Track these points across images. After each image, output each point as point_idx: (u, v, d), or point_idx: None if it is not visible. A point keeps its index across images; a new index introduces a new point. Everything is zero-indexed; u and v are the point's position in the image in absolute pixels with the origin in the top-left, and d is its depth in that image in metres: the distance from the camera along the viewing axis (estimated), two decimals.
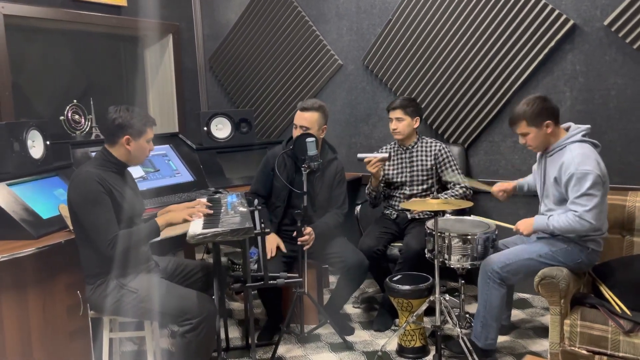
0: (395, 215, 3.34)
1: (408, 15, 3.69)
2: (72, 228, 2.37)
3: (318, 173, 3.04)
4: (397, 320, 3.13)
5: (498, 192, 2.86)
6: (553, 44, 3.18)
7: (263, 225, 2.48)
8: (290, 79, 4.37)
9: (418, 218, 3.26)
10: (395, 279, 2.87)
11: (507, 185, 2.86)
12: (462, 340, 2.56)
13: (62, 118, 3.37)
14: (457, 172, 3.22)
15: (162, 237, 2.41)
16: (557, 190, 2.52)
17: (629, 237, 2.67)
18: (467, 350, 2.54)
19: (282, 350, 2.92)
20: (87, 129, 3.50)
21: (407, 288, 2.77)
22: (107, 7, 4.04)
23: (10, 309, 2.28)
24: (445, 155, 3.25)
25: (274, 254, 2.95)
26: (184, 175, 3.59)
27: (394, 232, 3.29)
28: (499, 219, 2.78)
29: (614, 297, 2.37)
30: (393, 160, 3.36)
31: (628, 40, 2.97)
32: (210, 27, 4.79)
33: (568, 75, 3.19)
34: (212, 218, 2.37)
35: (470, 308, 3.24)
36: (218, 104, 4.87)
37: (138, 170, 3.30)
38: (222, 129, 3.98)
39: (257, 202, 2.67)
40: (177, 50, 4.63)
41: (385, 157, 3.16)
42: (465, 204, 2.66)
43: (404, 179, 3.31)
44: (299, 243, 2.86)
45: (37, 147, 2.82)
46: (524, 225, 2.56)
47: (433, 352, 2.80)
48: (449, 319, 2.66)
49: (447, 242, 2.66)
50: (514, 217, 2.79)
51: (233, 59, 4.68)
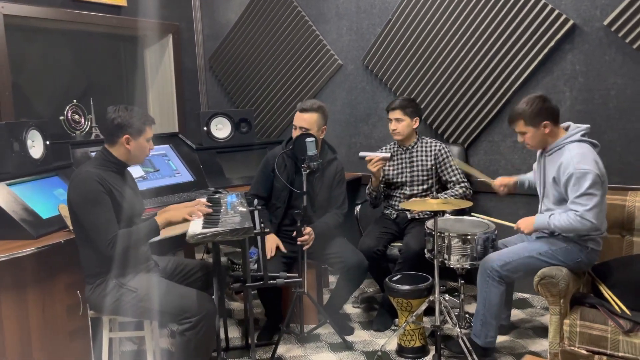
0: (395, 215, 3.34)
1: (408, 15, 3.69)
2: (71, 228, 2.38)
3: (318, 173, 3.04)
4: (396, 320, 3.13)
5: (499, 186, 2.86)
6: (553, 44, 3.18)
7: (263, 225, 2.48)
8: (290, 79, 4.37)
9: (418, 218, 3.26)
10: (395, 279, 2.87)
11: (508, 180, 2.87)
12: (461, 340, 2.56)
13: (62, 118, 3.37)
14: (457, 171, 3.23)
15: (161, 236, 2.41)
16: (556, 190, 2.52)
17: (629, 237, 2.67)
18: (466, 350, 2.54)
19: (281, 350, 2.92)
20: (86, 129, 3.50)
21: (406, 288, 2.77)
22: (107, 7, 4.05)
23: (10, 309, 2.28)
24: (445, 155, 3.25)
25: (274, 254, 2.95)
26: (184, 175, 3.59)
27: (394, 232, 3.29)
28: (499, 219, 2.78)
29: (614, 296, 2.37)
30: (393, 161, 3.36)
31: (628, 40, 2.97)
32: (210, 27, 4.79)
33: (568, 75, 3.19)
34: (211, 218, 2.37)
35: (470, 308, 3.24)
36: (218, 104, 4.87)
37: (138, 170, 3.30)
38: (222, 129, 3.98)
39: (256, 202, 2.67)
40: (177, 50, 4.63)
41: (387, 156, 3.16)
42: (465, 204, 2.66)
43: (404, 179, 3.31)
44: (299, 243, 2.86)
45: (36, 147, 2.82)
46: (525, 224, 2.57)
47: (433, 352, 2.80)
48: (449, 319, 2.66)
49: (446, 242, 2.66)
50: (514, 216, 2.79)
51: (233, 59, 4.68)
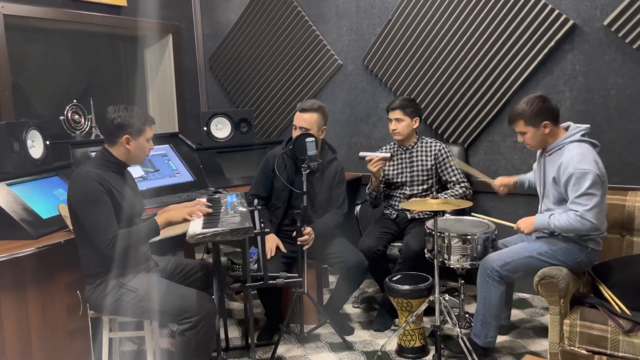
0: (395, 215, 3.34)
1: (408, 15, 3.69)
2: (71, 228, 2.38)
3: (318, 173, 3.04)
4: (396, 320, 3.13)
5: (499, 186, 2.86)
6: (553, 44, 3.18)
7: (262, 225, 2.48)
8: (290, 79, 4.37)
9: (418, 218, 3.26)
10: (395, 279, 2.87)
11: (508, 180, 2.87)
12: (461, 340, 2.56)
13: (61, 118, 3.37)
14: (457, 171, 3.23)
15: (161, 236, 2.41)
16: (556, 191, 2.52)
17: (629, 237, 2.67)
18: (466, 350, 2.54)
19: (281, 350, 2.92)
20: (86, 129, 3.50)
21: (406, 288, 2.77)
22: (107, 7, 4.04)
23: (10, 309, 2.28)
24: (446, 155, 3.25)
25: (274, 254, 2.95)
26: (184, 175, 3.59)
27: (394, 232, 3.29)
28: (499, 219, 2.78)
29: (614, 296, 2.37)
30: (393, 161, 3.35)
31: (628, 40, 2.97)
32: (210, 27, 4.79)
33: (568, 75, 3.19)
34: (211, 218, 2.37)
35: (470, 308, 3.24)
36: (218, 104, 4.87)
37: (138, 170, 3.30)
38: (222, 129, 3.98)
39: (256, 201, 2.67)
40: (177, 50, 4.63)
41: (387, 157, 3.16)
42: (465, 204, 2.66)
43: (404, 179, 3.31)
44: (299, 243, 2.86)
45: (36, 147, 2.82)
46: (525, 224, 2.56)
47: (433, 352, 2.80)
48: (449, 319, 2.66)
49: (446, 242, 2.66)
50: (514, 216, 2.79)
51: (233, 59, 4.68)
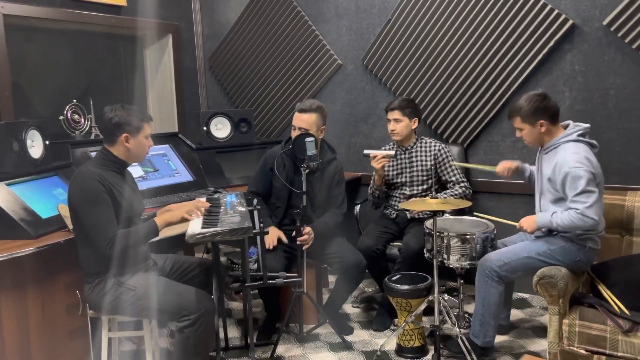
0: (395, 215, 3.34)
1: (407, 15, 3.69)
2: (71, 227, 2.38)
3: (317, 173, 3.04)
4: (396, 320, 3.13)
5: (502, 170, 2.85)
6: (552, 44, 3.18)
7: (262, 225, 2.48)
8: (290, 79, 4.37)
9: (417, 218, 3.26)
10: (394, 279, 2.87)
11: (510, 164, 2.85)
12: (460, 340, 2.56)
13: (61, 118, 3.37)
14: (456, 171, 3.23)
15: (161, 236, 2.41)
16: (552, 188, 2.52)
17: (628, 236, 2.67)
18: (465, 350, 2.54)
19: (281, 350, 2.93)
20: (86, 129, 3.50)
21: (406, 288, 2.77)
22: (106, 7, 4.04)
23: (10, 309, 2.28)
24: (445, 155, 3.25)
25: (275, 244, 2.95)
26: (184, 175, 3.59)
27: (394, 231, 3.29)
28: (499, 218, 2.78)
29: (613, 296, 2.37)
30: (393, 161, 3.35)
31: (627, 40, 2.97)
32: (210, 27, 4.79)
33: (567, 75, 3.19)
34: (211, 217, 2.38)
35: (469, 308, 3.24)
36: (218, 104, 4.87)
37: (137, 170, 3.30)
38: (221, 129, 3.98)
39: (256, 201, 2.67)
40: (176, 50, 4.63)
41: (391, 154, 3.16)
42: (465, 204, 2.66)
43: (404, 180, 3.31)
44: (298, 243, 2.86)
45: (36, 146, 2.82)
46: (528, 223, 2.57)
47: (432, 351, 2.81)
48: (448, 319, 2.66)
49: (446, 241, 2.66)
50: (514, 216, 2.79)
51: (233, 59, 4.68)
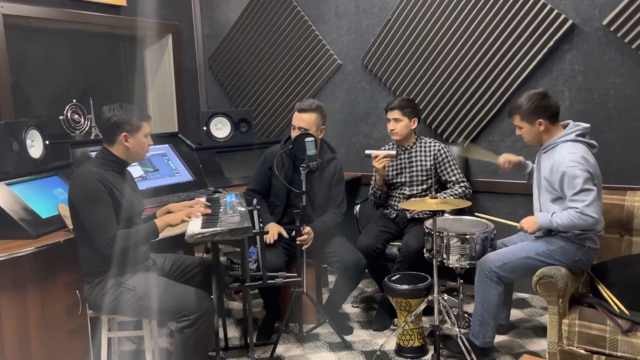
0: (395, 215, 3.34)
1: (407, 15, 3.69)
2: (71, 227, 2.38)
3: (317, 173, 3.04)
4: (395, 320, 3.13)
5: (504, 162, 2.85)
6: (552, 44, 3.18)
7: (262, 225, 2.48)
8: (290, 79, 4.37)
9: (417, 217, 3.26)
10: (394, 279, 2.87)
11: (513, 157, 2.85)
12: (460, 340, 2.56)
13: (61, 118, 3.37)
14: (456, 170, 3.23)
15: (160, 236, 2.41)
16: (550, 187, 2.52)
17: (628, 236, 2.67)
18: (465, 350, 2.54)
19: (280, 350, 2.93)
20: (86, 129, 3.50)
21: (405, 287, 2.77)
22: (106, 7, 4.04)
23: (9, 309, 2.29)
24: (445, 155, 3.25)
25: (276, 238, 2.95)
26: (183, 175, 3.59)
27: (393, 231, 3.29)
28: (500, 218, 2.78)
29: (612, 296, 2.37)
30: (393, 161, 3.35)
31: (627, 40, 2.97)
32: (210, 26, 4.79)
33: (567, 75, 3.19)
34: (210, 217, 2.38)
35: (469, 308, 3.24)
36: (217, 104, 4.87)
37: (137, 170, 3.30)
38: (221, 129, 3.98)
39: (255, 201, 2.67)
40: (176, 50, 4.63)
41: (393, 154, 3.16)
42: (464, 204, 2.66)
43: (404, 180, 3.31)
44: (298, 242, 2.86)
45: (36, 146, 2.82)
46: (528, 223, 2.56)
47: (431, 351, 2.80)
48: (448, 319, 2.66)
49: (445, 241, 2.66)
50: (514, 216, 2.79)
51: (233, 59, 4.68)
